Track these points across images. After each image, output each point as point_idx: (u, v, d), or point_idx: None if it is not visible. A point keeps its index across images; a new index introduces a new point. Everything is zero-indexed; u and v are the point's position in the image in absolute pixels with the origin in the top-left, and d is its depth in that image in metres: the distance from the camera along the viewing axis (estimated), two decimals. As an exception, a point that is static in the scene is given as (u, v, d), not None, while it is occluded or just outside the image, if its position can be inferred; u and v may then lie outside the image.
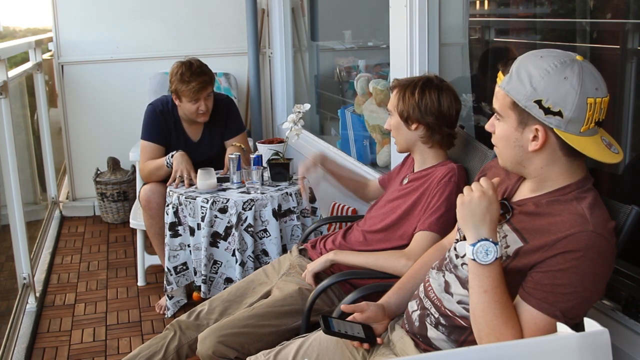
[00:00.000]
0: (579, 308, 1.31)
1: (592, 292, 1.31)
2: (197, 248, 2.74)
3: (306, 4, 4.54)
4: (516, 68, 1.35)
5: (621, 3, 2.05)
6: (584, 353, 0.96)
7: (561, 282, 1.28)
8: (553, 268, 1.29)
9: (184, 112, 3.08)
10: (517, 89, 1.33)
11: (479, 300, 1.33)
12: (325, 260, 2.07)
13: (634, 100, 1.92)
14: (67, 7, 4.40)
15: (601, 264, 1.29)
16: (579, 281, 1.28)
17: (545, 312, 1.29)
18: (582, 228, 1.29)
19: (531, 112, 1.32)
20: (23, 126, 4.04)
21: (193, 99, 2.97)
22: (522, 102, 1.33)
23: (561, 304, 1.29)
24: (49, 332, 2.97)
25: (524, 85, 1.32)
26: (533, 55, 1.36)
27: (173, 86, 3.00)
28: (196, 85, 2.94)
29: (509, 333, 1.31)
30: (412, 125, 2.02)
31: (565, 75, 1.29)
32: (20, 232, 3.03)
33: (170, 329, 2.18)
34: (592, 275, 1.28)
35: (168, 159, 3.01)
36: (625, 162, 1.97)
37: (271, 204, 2.70)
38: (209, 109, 3.06)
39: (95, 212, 4.65)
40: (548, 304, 1.29)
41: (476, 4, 2.97)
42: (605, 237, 1.29)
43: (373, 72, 3.62)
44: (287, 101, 4.67)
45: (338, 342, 1.67)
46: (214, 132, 3.19)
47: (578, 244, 1.27)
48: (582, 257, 1.27)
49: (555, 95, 1.30)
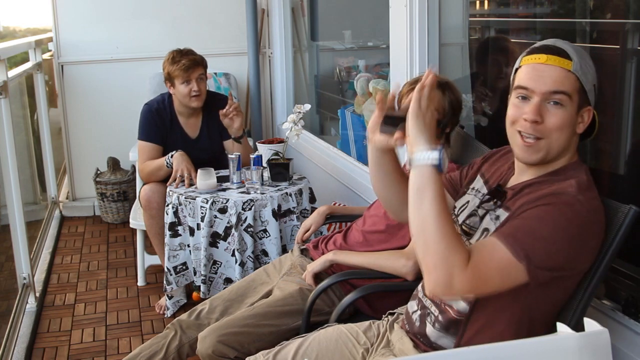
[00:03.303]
0: (544, 259, 1.27)
1: (562, 250, 1.28)
2: (196, 248, 2.74)
3: (306, 4, 4.54)
4: (577, 51, 1.38)
5: (621, 3, 2.04)
6: (584, 353, 0.96)
7: (531, 225, 1.28)
8: (529, 215, 1.30)
9: (179, 99, 3.09)
10: (583, 73, 1.37)
11: (432, 207, 1.27)
12: (325, 260, 2.07)
13: (634, 100, 1.92)
14: (67, 7, 4.40)
15: (575, 225, 1.29)
16: (548, 231, 1.27)
17: (511, 247, 1.26)
18: (566, 190, 1.32)
19: (590, 95, 1.38)
20: (23, 126, 4.04)
21: (184, 79, 3.01)
22: (588, 86, 1.37)
23: (528, 245, 1.26)
24: (48, 332, 2.97)
25: (586, 70, 1.37)
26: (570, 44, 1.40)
27: (165, 71, 3.06)
28: (186, 62, 3.00)
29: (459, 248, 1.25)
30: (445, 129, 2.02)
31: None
32: (20, 232, 3.02)
33: (171, 328, 2.18)
34: (564, 232, 1.28)
35: (168, 159, 3.00)
36: (625, 162, 1.97)
37: (271, 204, 2.70)
38: (203, 93, 3.08)
39: (95, 212, 4.65)
40: (515, 240, 1.27)
41: (476, 4, 2.97)
42: (585, 207, 1.30)
43: (373, 72, 3.62)
44: (287, 101, 4.67)
45: (337, 341, 1.67)
46: (213, 129, 3.19)
47: (557, 199, 1.30)
48: (556, 210, 1.28)
49: (596, 81, 1.39)
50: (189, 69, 3.00)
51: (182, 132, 3.17)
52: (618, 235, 1.39)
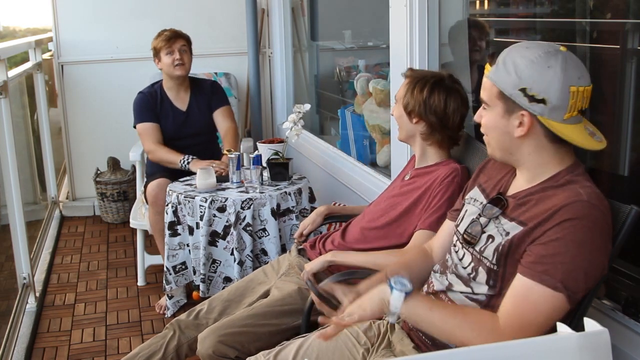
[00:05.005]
0: (579, 280, 1.29)
1: (590, 263, 1.30)
2: (196, 247, 2.74)
3: (306, 4, 4.54)
4: (502, 59, 1.40)
5: (621, 3, 2.04)
6: (584, 353, 0.96)
7: (559, 250, 1.29)
8: (550, 238, 1.30)
9: (165, 72, 3.32)
10: (504, 79, 1.38)
11: (440, 321, 1.34)
12: (323, 261, 2.06)
13: (634, 100, 1.92)
14: (67, 7, 4.41)
15: (597, 234, 1.30)
16: (576, 249, 1.28)
17: (548, 284, 1.28)
18: (577, 199, 1.31)
19: (516, 100, 1.37)
20: (23, 126, 4.04)
21: (167, 49, 3.26)
22: (508, 91, 1.38)
23: (562, 274, 1.28)
24: (48, 332, 2.97)
25: (509, 75, 1.37)
26: (519, 46, 1.41)
27: (152, 47, 3.32)
28: (168, 34, 3.30)
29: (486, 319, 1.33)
30: (414, 119, 2.02)
31: (549, 64, 1.34)
32: (20, 232, 3.02)
33: (169, 328, 2.18)
34: (589, 244, 1.29)
35: (183, 163, 3.14)
36: (625, 162, 1.97)
37: (270, 203, 2.70)
38: (185, 62, 3.31)
39: (95, 212, 4.65)
40: (549, 276, 1.29)
41: (476, 4, 2.97)
42: (600, 209, 1.31)
43: (373, 72, 3.62)
44: (287, 101, 4.67)
45: (338, 341, 1.67)
46: (201, 103, 3.40)
47: (574, 213, 1.29)
48: (577, 225, 1.29)
49: (539, 83, 1.35)
50: (171, 39, 3.27)
51: (172, 106, 3.37)
52: (619, 235, 1.39)
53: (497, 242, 1.42)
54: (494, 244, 1.42)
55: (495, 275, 1.41)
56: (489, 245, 1.43)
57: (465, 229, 1.53)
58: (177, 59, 3.26)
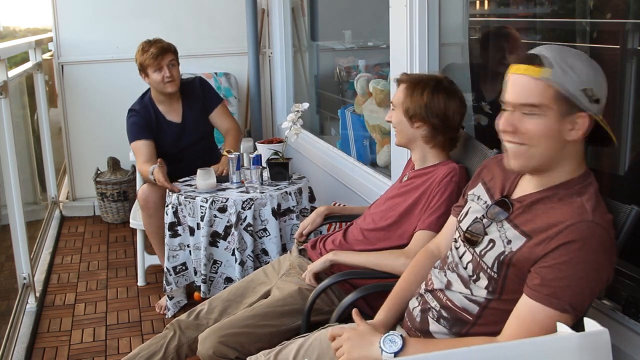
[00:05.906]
0: (585, 298, 1.31)
1: (597, 281, 1.31)
2: (196, 248, 2.74)
3: (306, 4, 4.54)
4: (553, 59, 1.33)
5: (621, 3, 2.04)
6: (584, 353, 0.96)
7: (565, 274, 1.29)
8: (557, 261, 1.29)
9: (155, 87, 3.18)
10: (563, 79, 1.32)
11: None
12: (325, 260, 2.07)
13: (634, 100, 1.92)
14: (67, 7, 4.40)
15: (602, 253, 1.30)
16: (583, 271, 1.28)
17: (556, 307, 1.29)
18: (582, 218, 1.30)
19: (577, 101, 1.32)
20: (23, 126, 4.04)
21: (156, 67, 3.11)
22: (570, 92, 1.32)
23: (569, 297, 1.28)
24: (49, 332, 2.97)
25: (569, 75, 1.32)
26: (563, 48, 1.38)
27: (138, 63, 3.16)
28: (154, 50, 3.12)
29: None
30: (415, 123, 2.02)
31: (595, 65, 1.35)
32: (20, 232, 3.02)
33: (170, 328, 2.18)
34: (595, 264, 1.29)
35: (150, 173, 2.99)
36: (625, 162, 1.97)
37: (270, 203, 2.70)
38: (175, 78, 3.16)
39: (95, 212, 4.65)
40: (557, 299, 1.29)
41: (476, 4, 2.97)
42: (604, 228, 1.30)
43: (373, 72, 3.62)
44: (287, 101, 4.67)
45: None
46: (195, 110, 3.28)
47: (579, 234, 1.28)
48: (583, 247, 1.28)
49: (595, 83, 1.34)
50: (158, 56, 3.11)
51: (167, 121, 3.24)
52: (620, 235, 1.39)
53: (498, 250, 1.41)
54: (495, 251, 1.41)
55: (495, 283, 1.41)
56: (490, 250, 1.43)
57: (467, 227, 1.53)
58: (167, 77, 3.12)
